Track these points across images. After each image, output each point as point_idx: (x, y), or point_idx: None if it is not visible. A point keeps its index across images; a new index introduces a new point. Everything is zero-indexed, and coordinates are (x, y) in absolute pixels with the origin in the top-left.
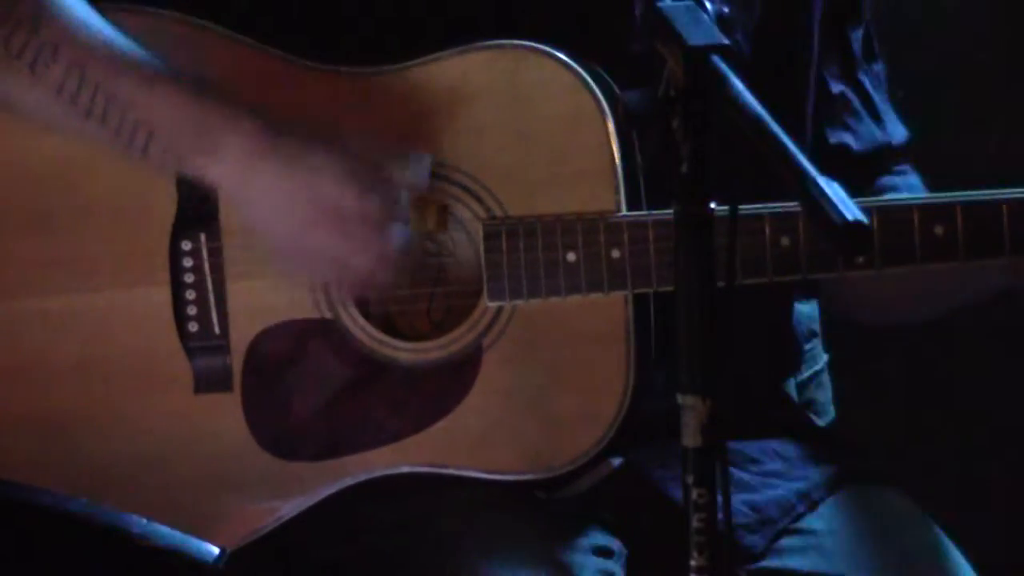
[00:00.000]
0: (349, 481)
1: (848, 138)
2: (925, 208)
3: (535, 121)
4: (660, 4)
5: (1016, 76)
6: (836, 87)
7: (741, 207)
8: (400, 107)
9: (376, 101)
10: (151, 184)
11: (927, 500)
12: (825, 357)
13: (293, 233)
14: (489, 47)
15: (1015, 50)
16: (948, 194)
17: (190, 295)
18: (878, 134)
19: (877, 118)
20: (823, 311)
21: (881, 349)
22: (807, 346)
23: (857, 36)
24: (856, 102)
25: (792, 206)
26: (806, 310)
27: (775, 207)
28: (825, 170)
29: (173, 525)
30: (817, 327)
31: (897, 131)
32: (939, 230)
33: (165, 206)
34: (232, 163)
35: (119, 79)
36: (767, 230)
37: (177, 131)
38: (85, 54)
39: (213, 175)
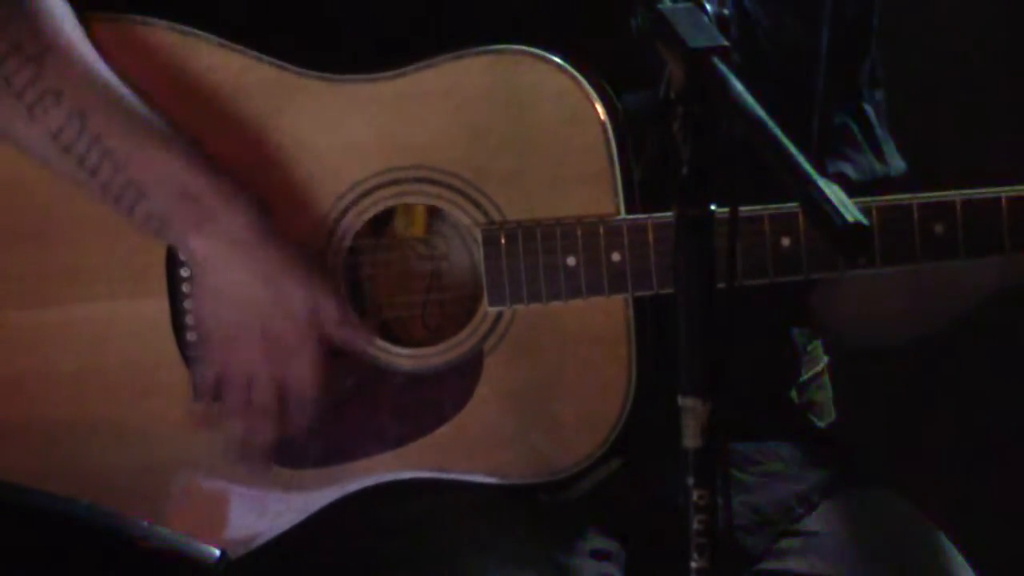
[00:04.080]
0: (351, 488)
1: (847, 168)
2: (925, 206)
3: (532, 125)
4: (660, 6)
5: (1014, 76)
6: (839, 118)
7: (741, 208)
8: (396, 113)
9: (371, 108)
10: None
11: (927, 502)
12: (825, 359)
13: (227, 331)
14: (486, 52)
15: (1012, 51)
16: (948, 192)
17: (188, 305)
18: (877, 166)
19: (877, 149)
20: (816, 337)
21: (880, 353)
22: (808, 348)
23: (864, 68)
24: (857, 133)
25: (791, 206)
26: None
27: (774, 208)
28: None
29: (174, 529)
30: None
31: (895, 163)
32: (939, 228)
33: None
34: (214, 243)
35: (117, 136)
36: (767, 231)
37: (167, 199)
38: (87, 104)
39: (192, 247)
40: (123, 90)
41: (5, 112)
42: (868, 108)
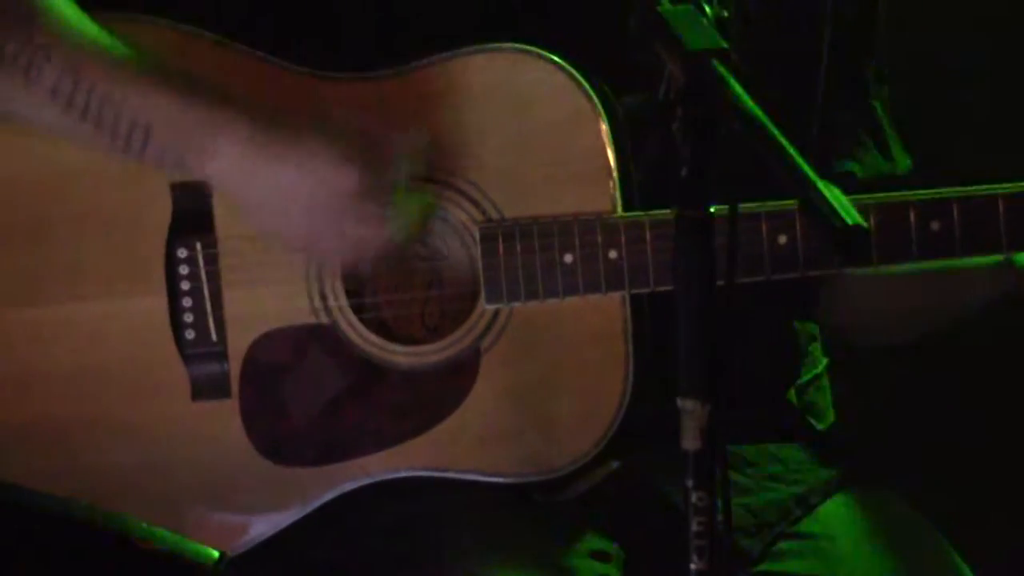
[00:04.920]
0: (349, 486)
1: (854, 167)
2: (922, 204)
3: (531, 124)
4: (660, 8)
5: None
6: (845, 116)
7: (741, 207)
8: (396, 111)
9: (371, 106)
10: (146, 192)
11: (925, 504)
12: (824, 361)
13: (299, 223)
14: (486, 50)
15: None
16: (945, 190)
17: (187, 303)
18: (883, 164)
19: (884, 147)
20: (820, 332)
21: (880, 353)
22: (807, 349)
23: (870, 65)
24: (863, 131)
25: (788, 203)
26: None
27: (772, 205)
28: None
29: (173, 530)
30: (817, 331)
31: (902, 161)
32: (936, 226)
33: (160, 214)
34: (229, 160)
35: (113, 80)
36: (764, 228)
37: (173, 130)
38: (78, 56)
39: (211, 172)
40: (111, 39)
41: (5, 82)
42: (875, 106)
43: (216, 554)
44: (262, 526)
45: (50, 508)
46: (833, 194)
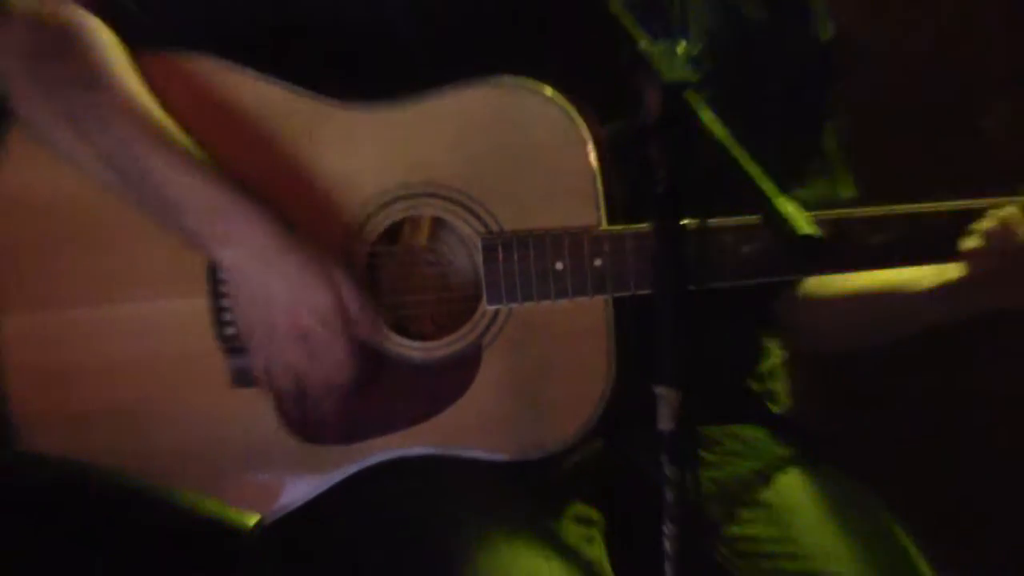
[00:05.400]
0: (368, 461)
1: (802, 192)
2: (869, 220)
3: (526, 147)
4: (641, 46)
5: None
6: (798, 145)
7: (709, 221)
8: (409, 137)
9: (388, 132)
10: None
11: (869, 477)
12: (780, 354)
13: (266, 330)
14: (487, 83)
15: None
16: (891, 207)
17: (226, 303)
18: (829, 191)
19: (829, 174)
20: (784, 345)
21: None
22: (767, 344)
23: (823, 95)
24: (815, 160)
25: (751, 218)
26: None
27: (736, 220)
28: None
29: (215, 500)
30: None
31: (846, 190)
32: (880, 238)
33: None
34: (243, 255)
35: (159, 158)
36: (731, 240)
37: (199, 217)
38: (132, 132)
39: (222, 256)
40: (162, 119)
41: (67, 136)
42: (826, 138)
43: (253, 519)
44: (293, 496)
45: (112, 483)
46: (791, 208)
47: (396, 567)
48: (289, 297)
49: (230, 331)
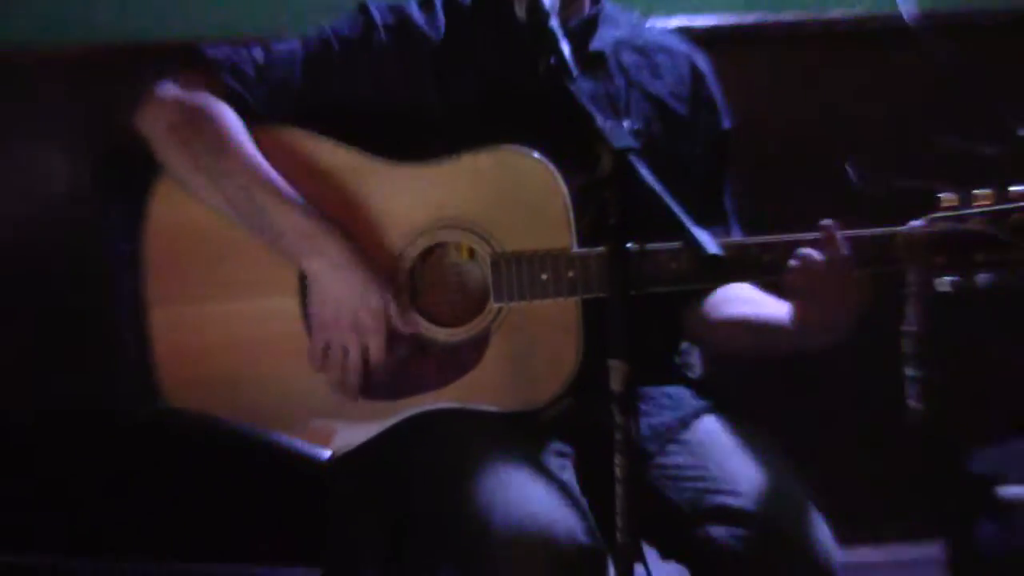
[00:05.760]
0: (408, 413)
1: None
2: (760, 244)
3: (521, 194)
4: (598, 123)
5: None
6: (705, 197)
7: (647, 245)
8: (439, 186)
9: (423, 182)
10: None
11: (761, 423)
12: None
13: (331, 317)
14: (495, 149)
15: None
16: (777, 236)
17: (310, 300)
18: (724, 235)
19: (727, 223)
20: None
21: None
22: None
23: (723, 165)
24: (716, 210)
25: (676, 244)
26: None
27: (667, 245)
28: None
29: (300, 439)
30: None
31: (735, 235)
32: (767, 257)
33: None
34: (322, 265)
35: (267, 198)
36: (662, 258)
37: (292, 238)
38: (249, 179)
39: (310, 267)
40: (269, 172)
41: (202, 183)
42: (724, 195)
43: (327, 454)
44: (355, 437)
45: (231, 429)
46: (704, 236)
47: (427, 484)
48: (352, 296)
49: (311, 321)
